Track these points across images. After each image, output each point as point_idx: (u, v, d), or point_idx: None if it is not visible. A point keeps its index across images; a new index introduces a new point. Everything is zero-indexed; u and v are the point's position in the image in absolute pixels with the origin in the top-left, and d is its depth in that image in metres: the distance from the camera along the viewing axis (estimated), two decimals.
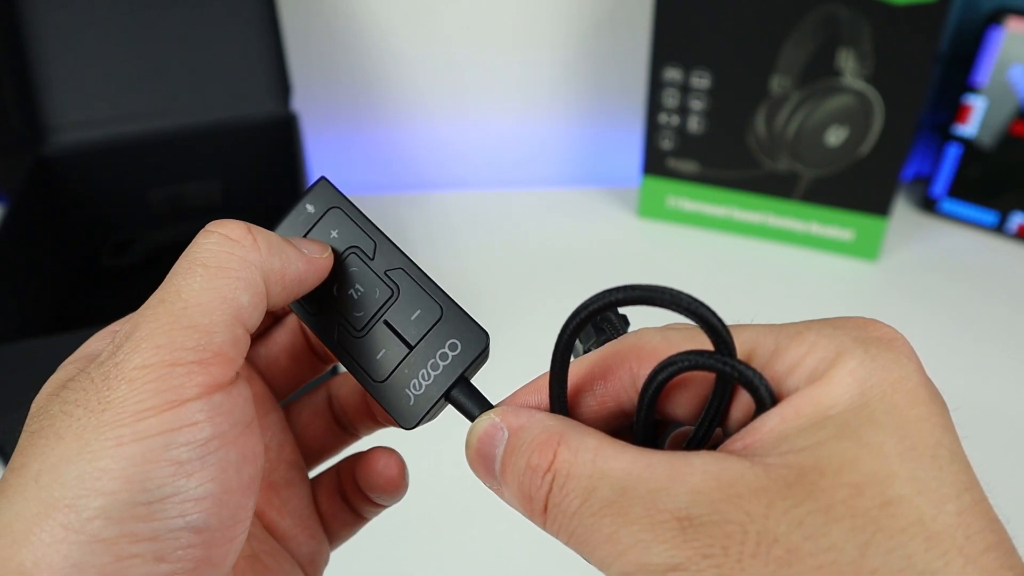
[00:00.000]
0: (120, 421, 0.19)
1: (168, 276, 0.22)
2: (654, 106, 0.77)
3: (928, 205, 0.83)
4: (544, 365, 0.25)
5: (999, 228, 0.80)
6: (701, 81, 0.74)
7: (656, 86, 0.76)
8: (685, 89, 0.75)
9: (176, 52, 0.72)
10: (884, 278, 0.76)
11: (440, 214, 0.85)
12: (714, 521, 0.17)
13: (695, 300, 0.20)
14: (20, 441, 0.21)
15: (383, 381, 0.25)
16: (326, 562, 0.30)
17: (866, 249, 0.77)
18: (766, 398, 0.20)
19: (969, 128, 0.78)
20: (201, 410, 0.20)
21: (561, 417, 0.22)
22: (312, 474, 0.31)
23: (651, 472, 0.19)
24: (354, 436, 0.31)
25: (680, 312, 0.20)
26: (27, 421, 0.22)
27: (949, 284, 0.75)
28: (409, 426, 0.25)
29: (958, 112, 0.78)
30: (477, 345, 0.25)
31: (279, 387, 0.30)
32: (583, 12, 0.81)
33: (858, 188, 0.75)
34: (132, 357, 0.20)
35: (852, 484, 0.17)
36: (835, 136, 0.73)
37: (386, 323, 0.26)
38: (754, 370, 0.20)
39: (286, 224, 0.27)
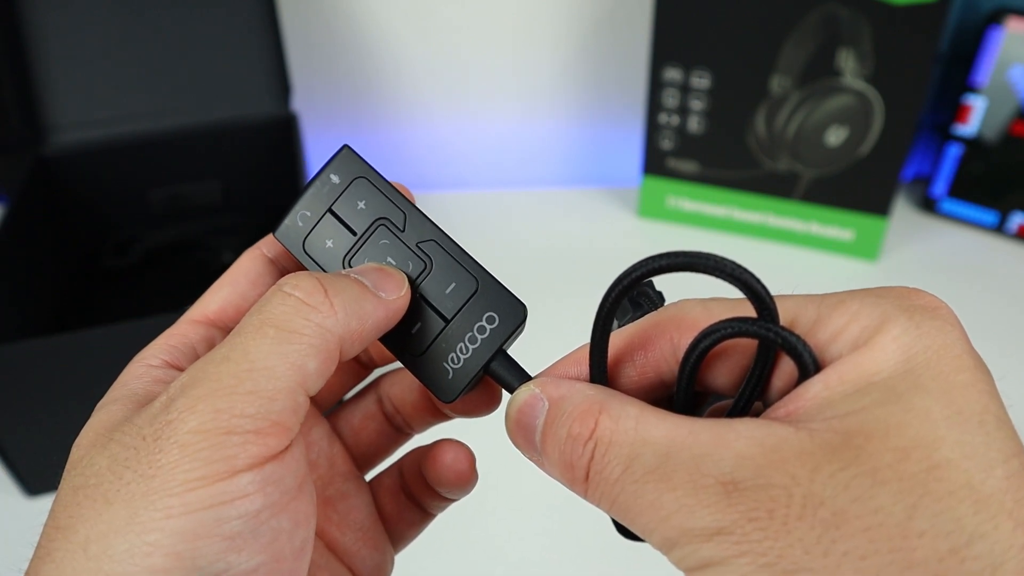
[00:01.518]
0: (169, 490, 0.19)
1: (235, 332, 0.22)
2: (654, 106, 0.77)
3: (928, 205, 0.83)
4: (547, 363, 0.25)
5: (999, 228, 0.80)
6: (701, 81, 0.74)
7: (656, 86, 0.76)
8: (685, 89, 0.75)
9: (176, 52, 0.72)
10: (884, 278, 0.76)
11: (440, 214, 0.84)
12: (759, 485, 0.17)
13: (739, 266, 0.20)
14: (63, 493, 0.20)
15: (420, 355, 0.25)
16: (391, 570, 0.29)
17: (866, 249, 0.77)
18: (810, 364, 0.19)
19: (969, 128, 0.78)
20: (252, 481, 0.20)
21: (601, 387, 0.22)
22: (369, 476, 0.30)
23: (694, 438, 0.19)
24: (407, 436, 0.30)
25: (724, 278, 0.20)
26: (70, 468, 0.21)
27: (949, 284, 0.75)
28: (449, 399, 0.25)
29: (958, 112, 0.78)
30: (515, 318, 0.25)
31: (321, 398, 0.29)
32: (583, 12, 0.81)
33: (858, 188, 0.75)
34: (188, 418, 0.20)
35: (899, 448, 0.17)
36: (835, 136, 0.73)
37: (421, 297, 0.25)
38: (798, 336, 0.19)
39: (310, 196, 0.26)
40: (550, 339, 0.31)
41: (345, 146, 0.26)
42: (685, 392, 0.22)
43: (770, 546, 0.17)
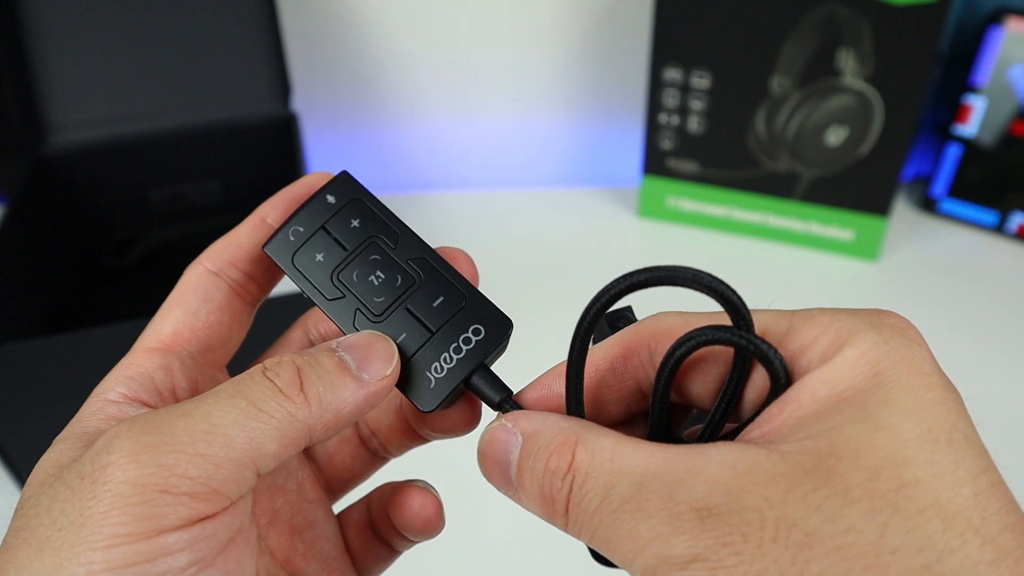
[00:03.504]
0: (93, 543, 0.19)
1: (208, 393, 0.21)
2: (654, 106, 0.77)
3: (928, 205, 0.83)
4: (545, 364, 0.25)
5: (999, 228, 0.80)
6: (701, 81, 0.74)
7: (656, 86, 0.76)
8: (685, 89, 0.75)
9: (176, 52, 0.72)
10: (884, 278, 0.76)
11: (440, 214, 0.85)
12: (732, 510, 0.17)
13: (715, 278, 0.20)
14: (8, 535, 0.20)
15: (404, 363, 0.25)
16: None
17: (866, 249, 0.77)
18: (780, 371, 0.20)
19: (969, 128, 0.78)
20: (179, 540, 0.19)
21: (574, 418, 0.22)
22: (337, 509, 0.30)
23: (668, 466, 0.19)
24: (383, 460, 0.30)
25: (701, 290, 0.20)
26: (18, 509, 0.21)
27: (949, 284, 0.75)
28: (428, 409, 0.25)
29: (958, 112, 0.78)
30: (501, 332, 0.25)
31: None
32: (583, 12, 0.81)
33: (858, 188, 0.75)
34: (126, 467, 0.19)
35: (869, 467, 0.17)
36: (835, 136, 0.73)
37: (407, 309, 0.25)
38: (769, 344, 0.20)
39: (304, 214, 0.26)
40: (550, 339, 0.31)
41: (344, 172, 0.26)
42: (661, 400, 0.22)
43: (745, 570, 0.17)
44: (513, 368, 0.25)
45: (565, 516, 0.20)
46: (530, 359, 0.28)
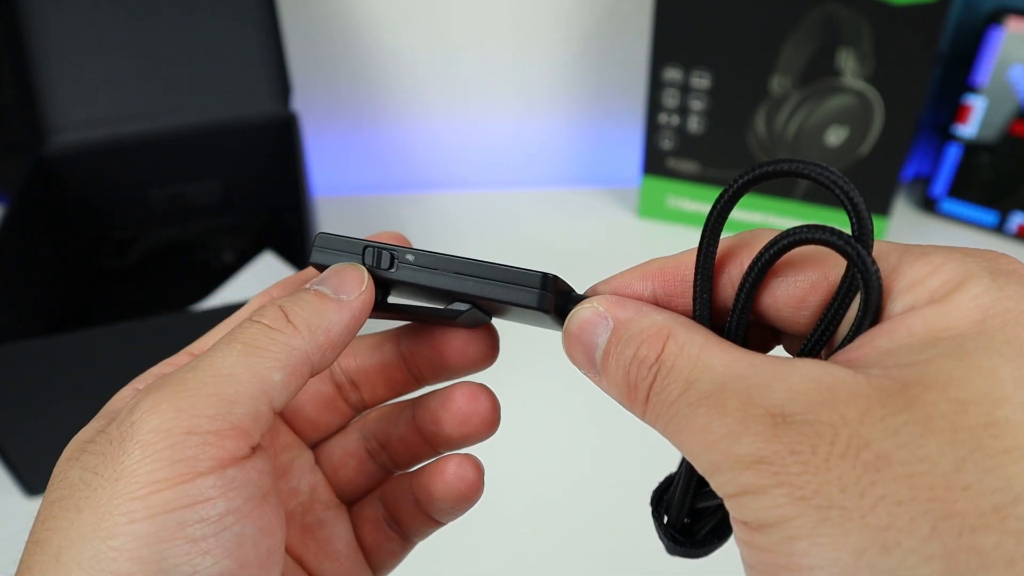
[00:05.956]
0: (132, 493, 0.19)
1: (206, 350, 0.22)
2: (654, 106, 0.77)
3: (928, 205, 0.83)
4: (544, 364, 0.25)
5: (999, 228, 0.80)
6: (701, 81, 0.74)
7: (656, 86, 0.76)
8: (685, 89, 0.75)
9: (176, 52, 0.72)
10: None
11: (440, 214, 0.85)
12: (807, 421, 0.17)
13: (848, 181, 0.20)
14: (41, 509, 0.21)
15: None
16: None
17: None
18: (875, 287, 0.19)
19: (969, 128, 0.78)
20: (214, 485, 0.20)
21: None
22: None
23: (752, 370, 0.19)
24: (390, 475, 0.30)
25: (827, 187, 0.20)
26: (48, 486, 0.22)
27: None
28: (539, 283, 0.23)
29: (958, 112, 0.78)
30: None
31: (306, 433, 0.29)
32: (583, 12, 0.81)
33: (858, 188, 0.74)
34: (149, 418, 0.20)
35: (957, 400, 0.17)
36: (835, 136, 0.73)
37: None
38: (874, 261, 0.19)
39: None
40: (550, 339, 0.31)
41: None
42: (746, 298, 0.21)
43: (808, 480, 0.17)
44: (513, 368, 0.25)
45: (645, 405, 0.21)
46: (530, 359, 0.28)
